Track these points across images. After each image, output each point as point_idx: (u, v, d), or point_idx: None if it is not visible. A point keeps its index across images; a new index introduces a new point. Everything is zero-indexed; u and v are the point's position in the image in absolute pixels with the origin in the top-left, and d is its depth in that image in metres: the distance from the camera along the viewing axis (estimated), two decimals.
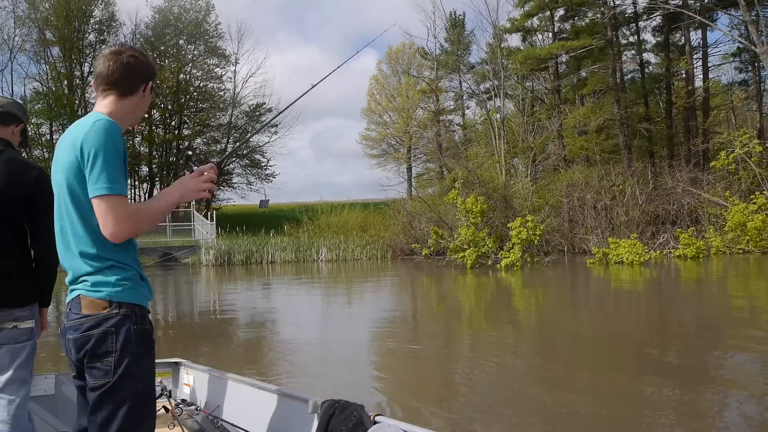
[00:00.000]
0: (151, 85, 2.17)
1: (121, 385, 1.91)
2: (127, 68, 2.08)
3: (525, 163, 29.48)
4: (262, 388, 3.02)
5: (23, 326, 2.54)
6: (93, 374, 1.93)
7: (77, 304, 1.96)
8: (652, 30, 31.99)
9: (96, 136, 1.89)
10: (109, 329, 1.92)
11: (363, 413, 2.42)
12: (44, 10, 38.00)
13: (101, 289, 1.94)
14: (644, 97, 30.49)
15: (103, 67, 2.07)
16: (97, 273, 1.95)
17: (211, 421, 3.23)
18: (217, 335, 9.56)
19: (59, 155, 2.01)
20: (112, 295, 1.94)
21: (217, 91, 43.86)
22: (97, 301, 1.93)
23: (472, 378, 6.49)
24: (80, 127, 1.97)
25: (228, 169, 45.18)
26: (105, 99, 2.08)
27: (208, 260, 25.26)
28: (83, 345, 1.93)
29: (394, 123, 44.35)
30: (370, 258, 25.96)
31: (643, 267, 17.95)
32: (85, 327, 1.93)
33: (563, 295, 14.06)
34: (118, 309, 1.94)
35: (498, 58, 30.88)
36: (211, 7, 41.94)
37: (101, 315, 1.92)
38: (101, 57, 2.10)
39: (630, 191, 23.38)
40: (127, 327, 1.94)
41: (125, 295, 1.96)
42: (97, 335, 1.91)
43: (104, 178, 1.86)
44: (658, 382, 5.82)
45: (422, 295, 15.23)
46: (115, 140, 1.92)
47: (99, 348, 1.91)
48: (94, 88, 2.14)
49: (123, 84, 2.08)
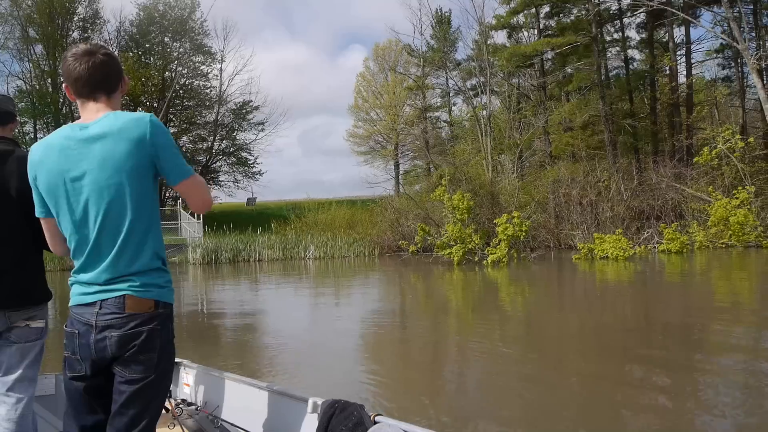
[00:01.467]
0: (125, 80, 2.15)
1: (160, 380, 2.01)
2: (105, 66, 2.04)
3: (511, 159, 29.63)
4: (262, 387, 3.02)
5: (35, 325, 2.55)
6: (133, 368, 1.96)
7: (119, 303, 1.96)
8: (636, 27, 32.28)
9: (160, 130, 1.98)
10: (156, 327, 1.99)
11: (363, 413, 2.44)
12: (27, 8, 37.57)
13: (151, 290, 1.99)
14: (629, 94, 30.72)
15: (81, 70, 1.99)
16: (146, 274, 1.99)
17: (211, 421, 3.23)
18: (205, 334, 9.56)
19: (107, 152, 1.93)
20: (160, 295, 2.01)
21: (203, 89, 43.65)
22: (144, 301, 1.97)
23: (460, 375, 6.57)
24: (126, 123, 1.95)
25: (215, 167, 45.06)
26: (97, 102, 2.03)
27: (195, 259, 25.18)
28: (131, 340, 1.95)
29: (381, 120, 44.36)
30: (358, 255, 25.98)
31: (628, 262, 18.13)
32: (132, 324, 1.96)
33: (549, 291, 14.20)
34: (163, 309, 2.02)
35: (484, 55, 30.99)
36: (197, 4, 41.69)
37: (148, 314, 1.98)
38: (72, 59, 2.00)
39: (615, 187, 23.57)
40: (169, 326, 2.05)
41: (168, 296, 2.05)
42: (147, 332, 1.96)
43: (185, 162, 2.03)
44: (643, 377, 5.92)
45: (410, 292, 15.30)
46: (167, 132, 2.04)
47: (147, 344, 1.96)
48: (70, 93, 2.03)
49: (106, 83, 2.05)
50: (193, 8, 41.62)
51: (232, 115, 44.28)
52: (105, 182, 1.93)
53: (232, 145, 44.88)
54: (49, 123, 38.15)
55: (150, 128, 1.95)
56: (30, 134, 38.08)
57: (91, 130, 1.97)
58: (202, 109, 44.04)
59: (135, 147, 1.94)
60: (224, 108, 43.83)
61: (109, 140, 1.93)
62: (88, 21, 39.92)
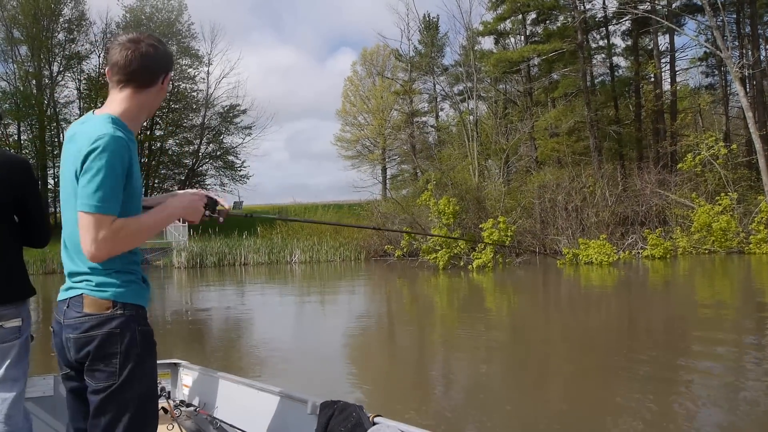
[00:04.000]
0: (169, 77, 2.04)
1: (127, 387, 1.86)
2: (147, 58, 1.93)
3: (498, 164, 29.76)
4: (261, 389, 3.01)
5: (9, 325, 2.47)
6: (95, 376, 1.87)
7: (78, 302, 1.89)
8: (621, 34, 32.56)
9: (97, 154, 1.78)
10: (114, 330, 1.86)
11: (362, 414, 2.41)
12: (12, 9, 37.25)
13: (106, 289, 1.88)
14: (614, 100, 30.97)
15: (119, 57, 1.91)
16: (101, 274, 1.89)
17: (209, 422, 3.21)
18: (190, 338, 9.49)
19: (67, 155, 1.91)
20: (117, 295, 1.88)
21: (189, 92, 43.44)
22: (101, 301, 1.87)
23: (445, 380, 6.56)
24: (87, 135, 1.83)
25: (201, 170, 44.85)
26: (121, 92, 1.94)
27: (180, 262, 25.01)
28: (84, 345, 1.86)
29: (369, 124, 44.40)
30: (344, 259, 25.94)
31: (612, 267, 18.25)
32: (86, 326, 1.86)
33: (534, 296, 14.25)
34: (122, 310, 1.88)
35: (471, 60, 31.12)
36: (184, 7, 41.56)
37: (104, 315, 1.86)
38: (117, 45, 1.94)
39: (600, 192, 23.74)
40: (132, 328, 1.89)
41: (130, 296, 1.91)
42: (101, 336, 1.85)
43: (93, 196, 1.76)
44: (625, 382, 5.95)
45: (395, 297, 15.28)
46: (118, 157, 1.80)
47: (103, 349, 1.85)
48: (107, 77, 1.97)
49: (141, 75, 1.94)
50: (180, 11, 41.51)
51: (218, 119, 44.13)
52: (69, 182, 1.90)
53: (218, 149, 44.70)
54: (33, 125, 37.81)
55: (91, 145, 1.80)
56: (14, 136, 37.72)
57: (80, 128, 1.93)
58: (188, 112, 43.84)
59: (78, 159, 1.84)
60: (211, 111, 43.70)
61: (75, 145, 1.88)
62: (73, 23, 39.59)
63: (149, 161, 42.79)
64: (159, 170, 43.58)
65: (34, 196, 2.56)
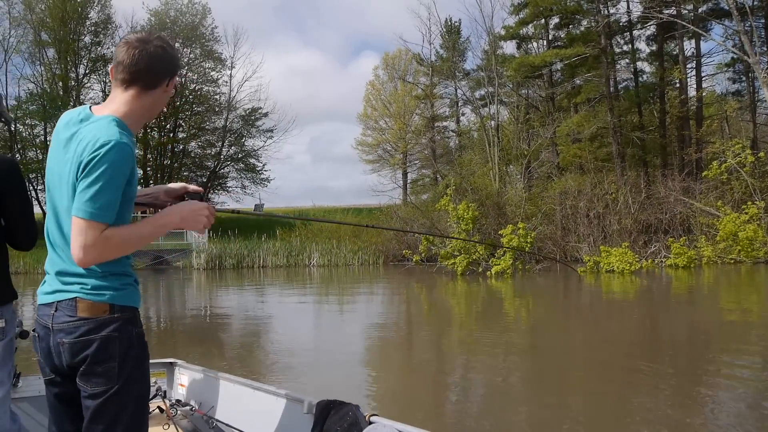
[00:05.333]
0: (175, 80, 1.98)
1: (125, 390, 1.84)
2: (153, 59, 1.88)
3: (518, 170, 29.52)
4: (257, 388, 3.00)
5: None
6: (92, 381, 1.83)
7: (70, 306, 1.83)
8: (646, 39, 32.15)
9: (102, 160, 1.72)
10: (112, 334, 1.82)
11: (358, 413, 2.40)
12: (40, 12, 37.95)
13: (103, 293, 1.83)
14: (638, 106, 30.57)
15: (126, 55, 1.86)
16: (98, 276, 1.84)
17: (206, 422, 3.20)
18: (208, 339, 9.49)
19: (68, 156, 1.83)
20: (114, 298, 1.84)
21: (212, 95, 43.84)
22: (98, 305, 1.82)
23: (462, 387, 6.46)
24: (91, 138, 1.77)
25: (223, 172, 45.20)
26: (125, 93, 1.89)
27: (199, 264, 25.17)
28: (81, 350, 1.82)
29: (390, 129, 44.38)
30: (362, 263, 25.90)
31: (634, 276, 17.93)
32: (83, 330, 1.82)
33: (553, 304, 14.03)
34: (120, 313, 1.85)
35: (492, 65, 30.94)
36: (208, 10, 41.98)
37: (101, 319, 1.82)
38: (124, 43, 1.89)
39: (623, 200, 23.40)
40: (130, 331, 1.86)
41: (127, 299, 1.88)
42: (99, 340, 1.81)
43: (91, 202, 1.71)
44: (648, 394, 5.78)
45: (413, 302, 15.17)
46: (122, 166, 1.76)
47: (102, 353, 1.82)
48: (111, 76, 1.92)
49: (147, 76, 1.88)
50: (204, 14, 41.91)
51: (240, 122, 44.44)
52: (67, 181, 1.82)
53: (240, 152, 45.02)
54: None
55: (94, 149, 1.75)
56: (40, 137, 38.34)
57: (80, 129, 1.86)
58: (211, 115, 44.25)
59: (78, 162, 1.78)
60: (233, 114, 44.02)
61: (78, 146, 1.81)
62: (100, 26, 40.24)
63: (172, 163, 43.26)
64: (181, 172, 44.00)
65: (16, 197, 2.48)
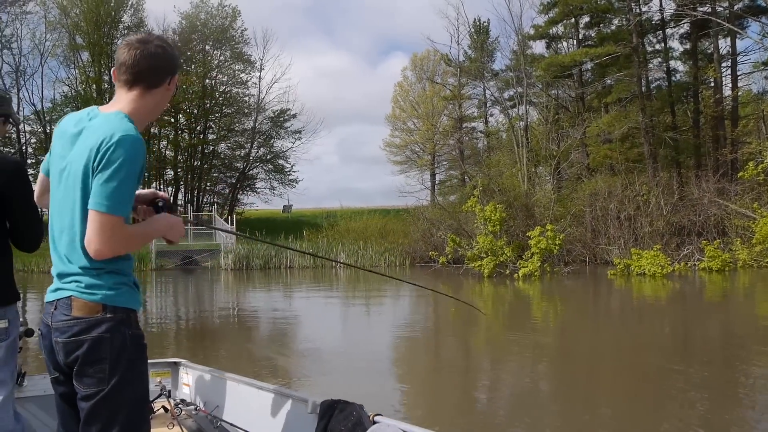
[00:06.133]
0: (176, 79, 2.03)
1: (117, 392, 1.82)
2: (154, 58, 1.92)
3: (547, 171, 29.15)
4: (261, 387, 3.00)
5: None
6: (85, 382, 1.82)
7: (67, 304, 1.84)
8: (679, 37, 31.42)
9: (119, 153, 1.76)
10: (103, 335, 1.81)
11: (362, 413, 2.40)
12: (75, 16, 38.80)
13: (96, 292, 1.83)
14: (671, 106, 29.92)
15: (127, 56, 1.90)
16: (92, 275, 1.84)
17: (210, 421, 3.21)
18: (234, 339, 9.55)
19: (78, 154, 1.85)
20: (106, 298, 1.83)
21: (241, 97, 44.30)
22: (91, 304, 1.82)
23: (490, 391, 6.38)
24: (105, 131, 1.80)
25: (252, 173, 45.61)
26: (129, 92, 1.93)
27: (227, 264, 25.39)
28: (73, 350, 1.82)
29: (418, 130, 44.28)
30: (389, 265, 25.84)
31: (666, 279, 17.54)
32: (75, 330, 1.82)
33: (583, 307, 13.78)
34: (113, 313, 1.84)
35: (521, 65, 30.62)
36: (237, 13, 42.41)
37: (94, 319, 1.82)
38: (125, 45, 1.93)
39: (654, 201, 22.91)
40: (123, 332, 1.84)
41: (120, 299, 1.87)
42: (90, 340, 1.81)
43: (112, 196, 1.75)
44: (679, 402, 5.61)
45: (439, 304, 15.05)
46: (138, 160, 1.80)
47: (93, 354, 1.81)
48: (114, 78, 1.97)
49: (149, 76, 1.93)
50: (234, 17, 42.36)
51: (269, 123, 44.79)
52: (74, 177, 1.85)
53: (269, 153, 45.38)
54: None
55: (110, 141, 1.77)
56: None
57: (89, 124, 1.90)
58: (240, 117, 44.71)
59: (92, 155, 1.80)
60: (262, 116, 44.39)
61: (89, 140, 1.83)
62: (132, 29, 40.88)
63: (202, 164, 43.81)
64: (211, 173, 44.54)
65: (21, 198, 2.48)
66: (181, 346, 9.17)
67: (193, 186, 43.80)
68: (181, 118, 42.92)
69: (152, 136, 42.33)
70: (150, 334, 10.07)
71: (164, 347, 8.85)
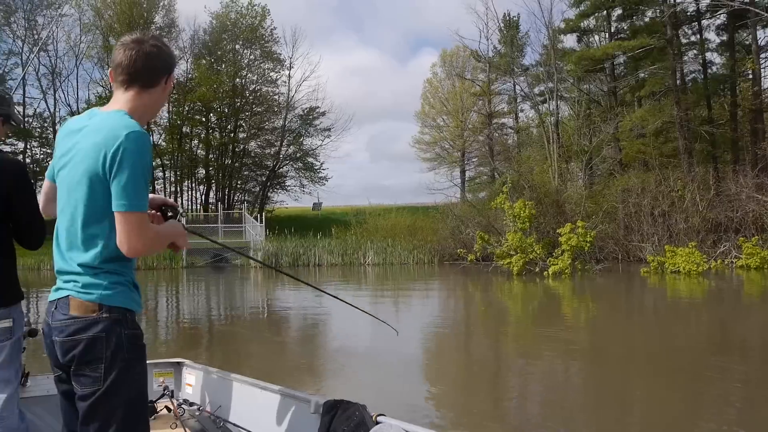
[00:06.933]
0: (173, 77, 2.06)
1: (114, 392, 1.83)
2: (150, 58, 1.94)
3: (579, 167, 28.68)
4: (264, 388, 3.02)
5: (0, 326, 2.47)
6: (81, 381, 1.84)
7: (65, 304, 1.87)
8: (716, 28, 30.58)
9: (130, 151, 1.79)
10: (99, 334, 1.83)
11: (365, 413, 2.40)
12: (108, 18, 39.51)
13: (92, 292, 1.85)
14: (707, 99, 29.17)
15: (123, 57, 1.93)
16: (89, 274, 1.86)
17: (213, 421, 3.23)
18: (261, 337, 9.59)
19: (82, 151, 1.87)
20: (103, 298, 1.85)
21: (271, 95, 44.55)
22: (87, 304, 1.84)
23: (520, 392, 6.28)
24: (110, 130, 1.82)
25: (282, 171, 45.88)
26: (126, 92, 1.95)
27: (256, 262, 25.55)
28: (70, 349, 1.84)
29: (448, 126, 44.01)
30: (417, 262, 25.73)
31: (702, 277, 17.09)
32: (72, 330, 1.84)
33: (615, 306, 13.50)
34: (108, 313, 1.85)
35: (552, 60, 30.16)
36: (267, 12, 42.66)
37: (90, 318, 1.83)
38: (121, 46, 1.95)
39: (690, 197, 22.36)
40: (118, 332, 1.85)
41: (117, 299, 1.87)
42: (86, 340, 1.82)
43: (132, 195, 1.79)
44: (716, 405, 5.41)
45: (469, 303, 14.92)
46: (148, 155, 1.84)
47: (88, 354, 1.82)
48: (111, 79, 2.00)
49: (145, 75, 1.95)
50: (264, 16, 42.62)
51: (299, 121, 44.99)
52: (78, 179, 1.87)
53: (298, 151, 45.59)
54: None
55: (117, 140, 1.80)
56: None
57: (90, 122, 1.93)
58: (270, 115, 44.96)
59: (100, 155, 1.82)
60: (292, 114, 44.61)
61: (92, 139, 1.85)
62: (164, 29, 41.48)
63: (232, 162, 44.23)
64: (242, 171, 44.94)
65: (24, 197, 2.51)
66: (212, 346, 9.22)
67: (224, 184, 44.23)
68: (212, 117, 43.37)
69: (184, 135, 42.96)
70: (182, 334, 10.18)
71: (197, 347, 8.93)
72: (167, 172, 43.90)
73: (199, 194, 45.61)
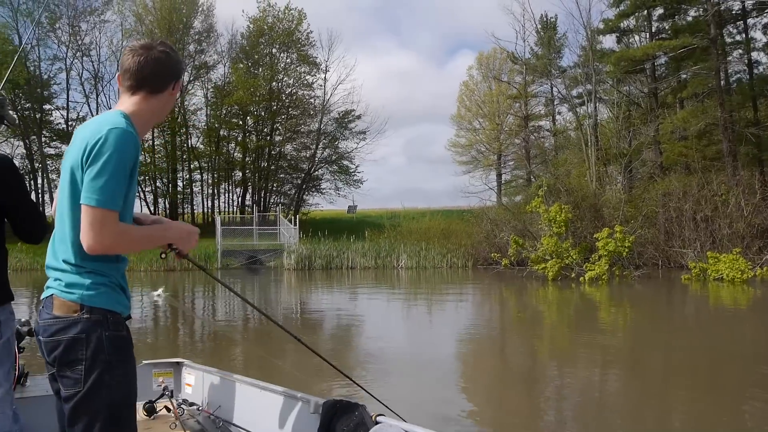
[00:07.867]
0: (180, 84, 2.06)
1: (94, 395, 1.80)
2: (158, 64, 1.95)
3: (618, 170, 28.08)
4: (264, 388, 3.02)
5: None
6: (64, 383, 1.83)
7: (50, 303, 1.87)
8: (762, 27, 29.57)
9: (107, 146, 1.77)
10: (78, 335, 1.81)
11: (365, 413, 2.41)
12: (149, 23, 40.40)
13: (74, 291, 1.83)
14: (752, 100, 28.24)
15: (132, 62, 1.93)
16: (73, 272, 1.85)
17: (212, 421, 3.24)
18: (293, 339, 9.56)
19: (71, 149, 1.90)
20: (84, 298, 1.83)
21: (307, 99, 44.84)
22: (69, 303, 1.83)
23: (556, 400, 6.12)
24: (96, 126, 1.84)
25: (317, 174, 46.15)
26: (132, 96, 1.96)
27: (289, 264, 25.70)
28: (53, 350, 1.84)
29: (484, 129, 43.62)
30: (451, 266, 25.53)
31: (747, 285, 16.50)
32: (53, 330, 1.83)
33: (654, 313, 13.09)
34: (89, 314, 1.82)
35: (590, 61, 29.60)
36: (303, 16, 42.98)
37: (71, 318, 1.82)
38: (129, 51, 1.97)
39: (734, 201, 21.64)
40: (99, 334, 1.82)
41: (98, 300, 1.85)
42: (66, 341, 1.81)
43: (100, 189, 1.75)
44: (761, 420, 5.15)
45: (503, 308, 14.69)
46: (128, 152, 1.80)
47: (68, 355, 1.81)
48: (119, 83, 2.00)
49: (153, 81, 1.95)
50: (300, 20, 42.93)
51: (334, 124, 45.20)
52: (64, 177, 1.90)
53: (334, 153, 45.79)
54: (165, 130, 40.63)
55: (98, 135, 1.79)
56: (148, 141, 40.72)
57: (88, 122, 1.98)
58: (306, 118, 45.26)
59: (83, 151, 1.82)
60: (327, 117, 44.83)
61: (80, 137, 1.88)
62: (203, 34, 42.26)
63: (268, 165, 44.67)
64: (278, 174, 45.34)
65: (16, 192, 2.51)
66: (249, 347, 9.24)
67: (261, 187, 44.69)
68: (249, 121, 43.89)
69: (222, 138, 43.57)
70: (220, 335, 10.25)
71: (233, 347, 8.96)
72: (205, 175, 44.65)
73: (236, 197, 46.25)
